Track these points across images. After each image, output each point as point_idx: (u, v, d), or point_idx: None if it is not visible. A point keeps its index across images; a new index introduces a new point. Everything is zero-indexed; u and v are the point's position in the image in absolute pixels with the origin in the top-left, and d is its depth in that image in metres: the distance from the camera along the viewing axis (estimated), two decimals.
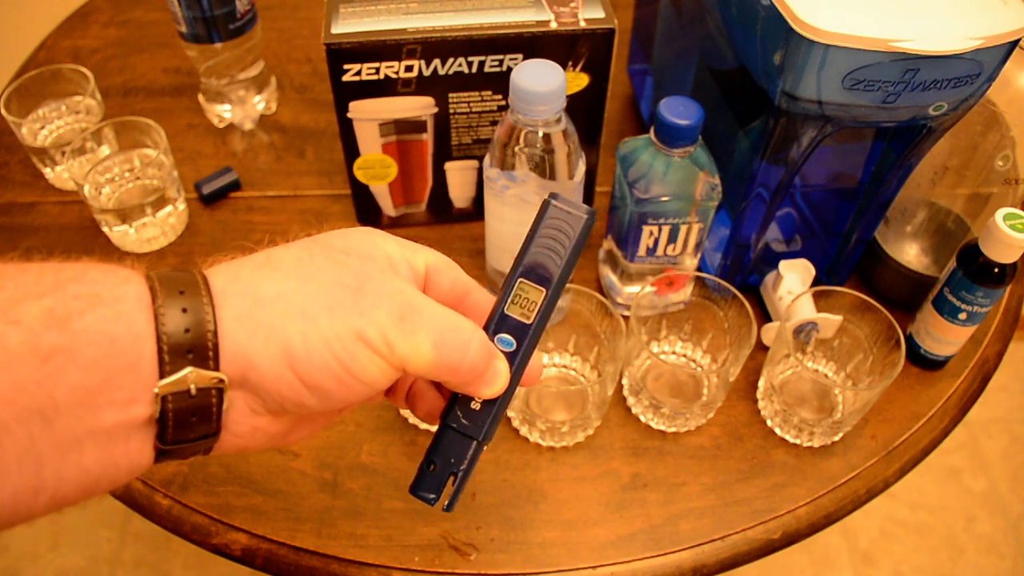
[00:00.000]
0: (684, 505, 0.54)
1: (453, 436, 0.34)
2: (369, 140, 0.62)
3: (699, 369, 0.61)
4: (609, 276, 0.64)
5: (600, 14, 0.57)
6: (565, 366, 0.61)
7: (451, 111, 0.60)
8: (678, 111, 0.52)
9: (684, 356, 0.62)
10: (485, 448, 0.34)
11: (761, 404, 0.59)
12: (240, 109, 0.78)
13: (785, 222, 0.65)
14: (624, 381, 0.59)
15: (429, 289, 0.33)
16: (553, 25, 0.56)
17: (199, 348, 0.26)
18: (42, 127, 0.74)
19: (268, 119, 0.80)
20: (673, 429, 0.57)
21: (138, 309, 0.25)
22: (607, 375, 0.53)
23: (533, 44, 0.56)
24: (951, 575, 1.29)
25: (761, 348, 0.62)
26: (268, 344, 0.27)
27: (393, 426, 0.57)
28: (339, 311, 0.28)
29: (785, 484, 0.55)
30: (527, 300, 0.33)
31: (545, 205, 0.33)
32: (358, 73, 0.57)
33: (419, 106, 0.60)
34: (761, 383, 0.59)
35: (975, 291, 0.54)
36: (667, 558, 0.51)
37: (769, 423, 0.58)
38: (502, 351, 0.33)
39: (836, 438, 0.57)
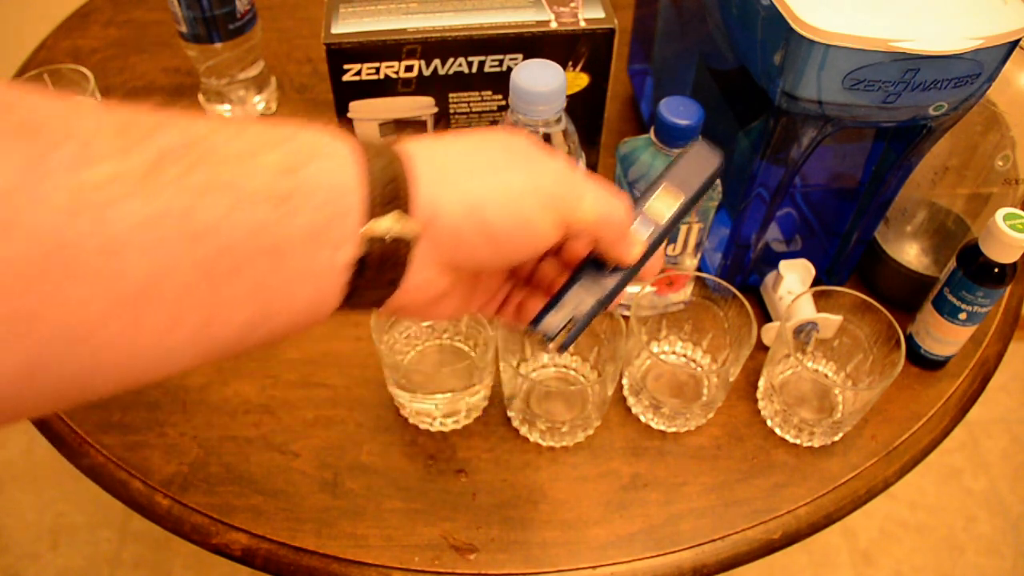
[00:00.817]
0: (684, 505, 0.54)
1: (583, 286, 0.37)
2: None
3: (699, 369, 0.61)
4: None
5: (600, 14, 0.57)
6: (565, 366, 0.61)
7: (451, 111, 0.60)
8: (678, 111, 0.52)
9: (684, 356, 0.62)
10: (601, 312, 0.38)
11: (761, 404, 0.59)
12: (240, 109, 0.78)
13: (785, 222, 0.65)
14: (624, 381, 0.59)
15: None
16: (553, 25, 0.56)
17: (399, 199, 0.29)
18: None
19: (268, 119, 0.80)
20: (673, 429, 0.57)
21: (351, 163, 0.29)
22: (607, 375, 0.53)
23: (533, 44, 0.56)
24: (951, 575, 1.29)
25: (761, 348, 0.62)
26: (454, 193, 0.31)
27: (393, 426, 0.57)
28: (518, 170, 0.32)
29: (785, 484, 0.55)
30: (665, 202, 0.38)
31: (691, 144, 0.40)
32: (358, 73, 0.57)
33: (419, 106, 0.60)
34: (761, 383, 0.59)
35: (975, 291, 0.54)
36: (667, 558, 0.51)
37: (769, 423, 0.58)
38: None
39: (836, 438, 0.57)
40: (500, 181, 0.32)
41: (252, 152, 0.26)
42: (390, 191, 0.29)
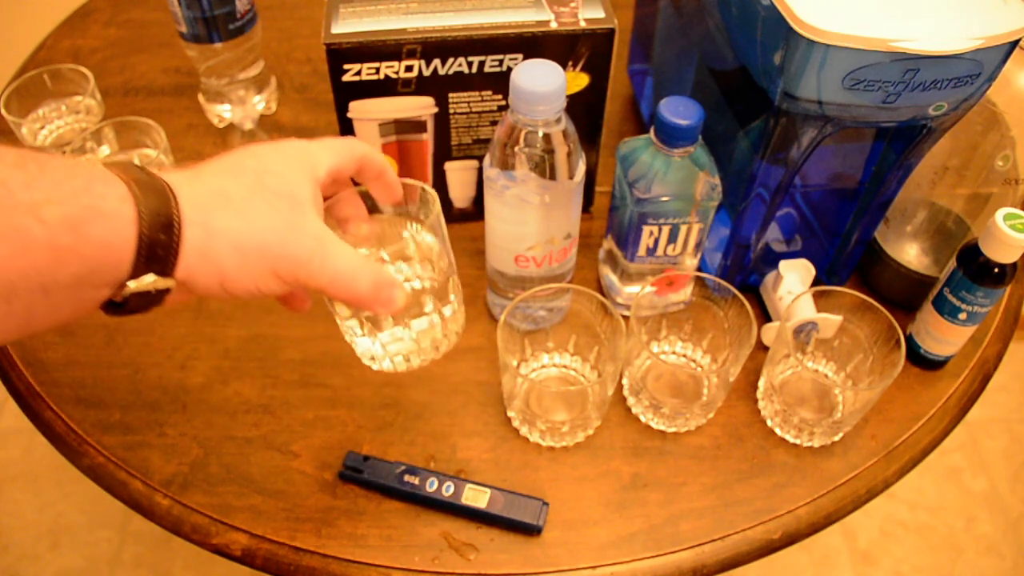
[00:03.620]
0: (684, 505, 0.54)
1: None
2: (369, 140, 0.62)
3: (699, 369, 0.61)
4: (609, 276, 0.64)
5: (600, 14, 0.57)
6: (565, 366, 0.61)
7: (451, 111, 0.60)
8: (678, 111, 0.52)
9: (684, 356, 0.62)
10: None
11: (761, 404, 0.59)
12: (240, 109, 0.78)
13: (785, 222, 0.65)
14: (624, 381, 0.59)
15: (335, 180, 0.42)
16: (553, 25, 0.56)
17: (164, 262, 0.34)
18: (42, 127, 0.74)
19: (268, 119, 0.80)
20: (673, 429, 0.57)
21: (130, 227, 0.33)
22: (607, 375, 0.53)
23: (533, 44, 0.56)
24: (951, 575, 1.29)
25: (761, 348, 0.62)
26: (209, 267, 0.35)
27: (393, 426, 0.57)
28: (266, 253, 0.36)
29: (785, 484, 0.55)
30: None
31: None
32: (358, 73, 0.57)
33: (419, 106, 0.60)
34: (761, 383, 0.59)
35: (975, 291, 0.54)
36: (667, 558, 0.51)
37: (769, 423, 0.58)
38: None
39: (836, 438, 0.57)
40: (248, 262, 0.36)
41: (42, 202, 0.30)
42: (159, 256, 0.34)
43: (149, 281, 0.34)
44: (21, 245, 0.29)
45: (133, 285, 0.34)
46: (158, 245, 0.33)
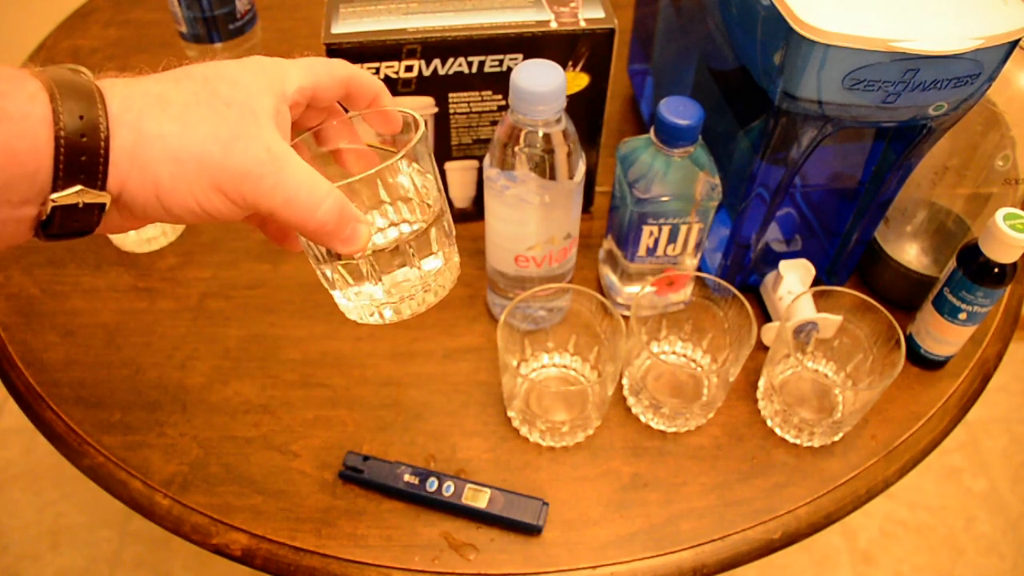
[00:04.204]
0: (684, 505, 0.54)
1: None
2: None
3: (699, 369, 0.61)
4: (609, 276, 0.64)
5: (600, 14, 0.57)
6: (565, 366, 0.61)
7: (451, 111, 0.60)
8: (678, 111, 0.52)
9: (684, 356, 0.62)
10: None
11: (761, 404, 0.59)
12: None
13: (785, 222, 0.65)
14: (624, 381, 0.59)
15: (313, 105, 0.38)
16: (553, 25, 0.56)
17: (90, 171, 0.30)
18: None
19: None
20: (673, 429, 0.57)
21: (42, 128, 0.29)
22: (607, 375, 0.53)
23: (533, 44, 0.56)
24: (951, 575, 1.29)
25: (761, 348, 0.62)
26: (143, 177, 0.31)
27: (393, 426, 0.57)
28: (206, 163, 0.32)
29: (785, 484, 0.55)
30: None
31: None
32: None
33: (419, 106, 0.60)
34: (761, 383, 0.59)
35: (975, 291, 0.54)
36: (667, 558, 0.51)
37: (769, 423, 0.58)
38: None
39: (836, 438, 0.57)
40: (187, 174, 0.31)
41: None
42: (83, 163, 0.29)
43: (73, 191, 0.30)
44: None
45: (55, 197, 0.30)
46: (81, 150, 0.29)
